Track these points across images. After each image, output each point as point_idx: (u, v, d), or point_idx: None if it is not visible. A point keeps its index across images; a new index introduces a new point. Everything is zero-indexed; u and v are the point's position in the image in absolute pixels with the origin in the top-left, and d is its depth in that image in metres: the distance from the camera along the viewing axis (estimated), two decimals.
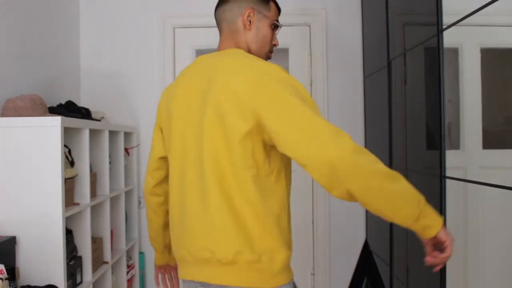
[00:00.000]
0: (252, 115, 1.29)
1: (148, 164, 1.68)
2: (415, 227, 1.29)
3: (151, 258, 3.38)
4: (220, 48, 1.54)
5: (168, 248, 1.76)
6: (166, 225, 1.71)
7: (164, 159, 1.61)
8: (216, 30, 1.59)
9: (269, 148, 1.36)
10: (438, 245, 1.33)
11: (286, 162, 1.44)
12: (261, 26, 1.51)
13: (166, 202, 1.66)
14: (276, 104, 1.28)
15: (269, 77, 1.32)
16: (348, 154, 1.21)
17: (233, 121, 1.32)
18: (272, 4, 1.55)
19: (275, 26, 1.55)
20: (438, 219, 1.29)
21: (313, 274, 3.33)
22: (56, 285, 1.94)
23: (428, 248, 1.34)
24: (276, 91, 1.29)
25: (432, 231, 1.29)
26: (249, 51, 1.51)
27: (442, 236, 1.30)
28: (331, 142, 1.22)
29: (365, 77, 3.27)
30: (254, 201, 1.33)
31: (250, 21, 1.49)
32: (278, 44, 1.59)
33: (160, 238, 1.74)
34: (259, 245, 1.34)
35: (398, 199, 1.25)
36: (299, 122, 1.26)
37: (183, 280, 1.51)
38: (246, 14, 1.49)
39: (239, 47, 1.50)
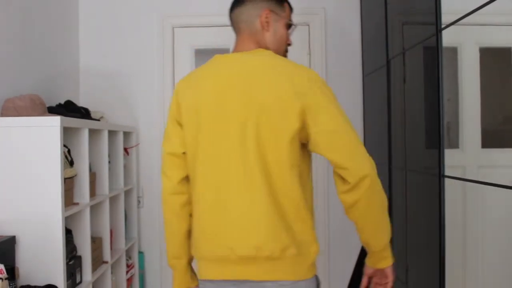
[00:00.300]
0: (299, 115, 1.37)
1: (166, 161, 1.55)
2: (378, 255, 1.48)
3: (151, 257, 3.39)
4: (240, 48, 1.55)
5: (190, 264, 1.62)
6: (189, 233, 1.57)
7: (185, 154, 1.53)
8: (215, 29, 1.60)
9: (303, 146, 1.44)
10: (381, 279, 1.52)
11: (310, 161, 1.53)
12: (278, 27, 1.56)
13: (189, 202, 1.55)
14: (323, 107, 1.38)
15: (314, 81, 1.41)
16: (375, 173, 1.38)
17: (283, 121, 1.38)
18: (286, 5, 1.59)
19: (289, 26, 1.59)
20: (392, 256, 1.50)
21: None
22: (56, 284, 1.95)
23: (365, 279, 1.53)
24: (322, 95, 1.40)
25: (387, 263, 1.48)
26: None
27: (390, 271, 1.50)
28: (368, 157, 1.39)
29: (364, 76, 3.27)
30: (297, 197, 1.42)
31: (267, 22, 1.53)
32: (292, 44, 1.63)
33: (184, 252, 1.58)
34: (300, 239, 1.42)
35: (383, 226, 1.45)
36: (346, 129, 1.39)
37: (211, 281, 1.48)
38: (264, 16, 1.52)
39: (261, 47, 1.53)
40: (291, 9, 1.61)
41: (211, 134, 1.45)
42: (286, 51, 1.62)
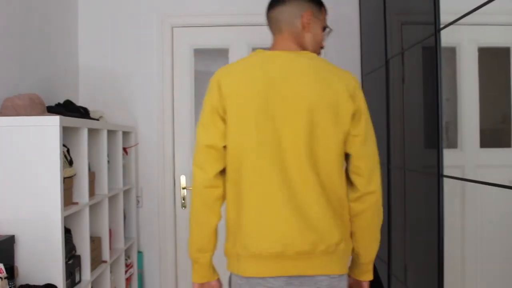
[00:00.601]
0: (351, 117, 1.47)
1: (202, 153, 1.50)
2: (363, 267, 1.61)
3: (149, 257, 3.39)
4: (281, 46, 1.57)
5: (212, 259, 1.60)
6: (217, 228, 1.56)
7: (224, 148, 1.50)
8: (214, 29, 1.61)
9: None
10: None
11: None
12: (317, 29, 1.61)
13: (222, 196, 1.53)
14: (363, 114, 1.51)
15: (359, 87, 1.53)
16: (380, 192, 1.54)
17: (337, 122, 1.46)
18: (323, 9, 1.64)
19: (324, 29, 1.64)
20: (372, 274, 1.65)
21: None
22: (55, 284, 1.95)
23: None
24: (363, 102, 1.52)
25: (368, 277, 1.63)
26: None
27: (367, 286, 1.64)
28: (380, 176, 1.54)
29: (363, 75, 3.27)
30: (342, 196, 1.52)
31: (308, 24, 1.57)
32: (324, 47, 1.67)
33: (211, 246, 1.55)
34: (345, 235, 1.51)
35: (376, 241, 1.58)
36: (373, 141, 1.55)
37: (260, 278, 1.46)
38: (306, 17, 1.56)
39: (301, 48, 1.58)
40: (326, 13, 1.66)
41: (261, 129, 1.44)
42: (319, 53, 1.66)
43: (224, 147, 1.49)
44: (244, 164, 1.46)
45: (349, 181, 1.53)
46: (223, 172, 1.52)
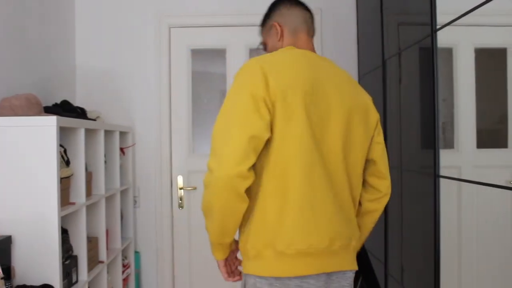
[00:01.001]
0: (376, 125, 1.61)
1: (243, 144, 1.37)
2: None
3: (147, 257, 3.39)
4: (308, 47, 1.64)
5: None
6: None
7: (268, 139, 1.42)
8: (212, 29, 1.61)
9: None
10: None
11: None
12: None
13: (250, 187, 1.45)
14: (379, 123, 1.65)
15: None
16: None
17: (366, 128, 1.57)
18: None
19: None
20: None
21: None
22: (52, 284, 1.94)
23: None
24: None
25: None
26: None
27: None
28: None
29: (360, 76, 3.28)
30: (356, 197, 1.59)
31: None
32: None
33: (237, 228, 1.51)
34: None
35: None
36: None
37: (302, 277, 1.42)
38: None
39: None
40: None
41: (310, 126, 1.43)
42: None
43: (268, 139, 1.42)
44: (291, 159, 1.41)
45: (366, 184, 1.64)
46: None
